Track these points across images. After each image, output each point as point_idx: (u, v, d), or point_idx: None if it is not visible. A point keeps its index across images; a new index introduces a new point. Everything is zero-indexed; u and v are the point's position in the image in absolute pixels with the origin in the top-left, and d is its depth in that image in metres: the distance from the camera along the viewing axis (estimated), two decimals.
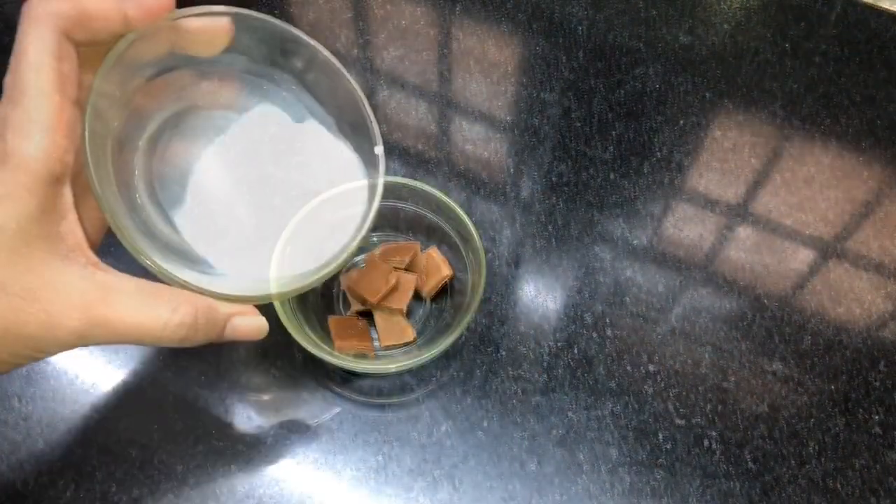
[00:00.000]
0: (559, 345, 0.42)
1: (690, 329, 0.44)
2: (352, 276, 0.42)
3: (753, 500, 0.38)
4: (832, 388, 0.42)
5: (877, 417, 0.41)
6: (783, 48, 0.59)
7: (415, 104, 0.53)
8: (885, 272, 0.47)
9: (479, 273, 0.39)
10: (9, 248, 0.23)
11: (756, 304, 0.45)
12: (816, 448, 0.39)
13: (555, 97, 0.54)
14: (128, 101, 0.28)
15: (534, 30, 0.59)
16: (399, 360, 0.37)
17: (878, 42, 0.60)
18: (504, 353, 0.41)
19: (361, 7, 0.59)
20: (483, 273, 0.39)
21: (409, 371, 0.40)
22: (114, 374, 0.39)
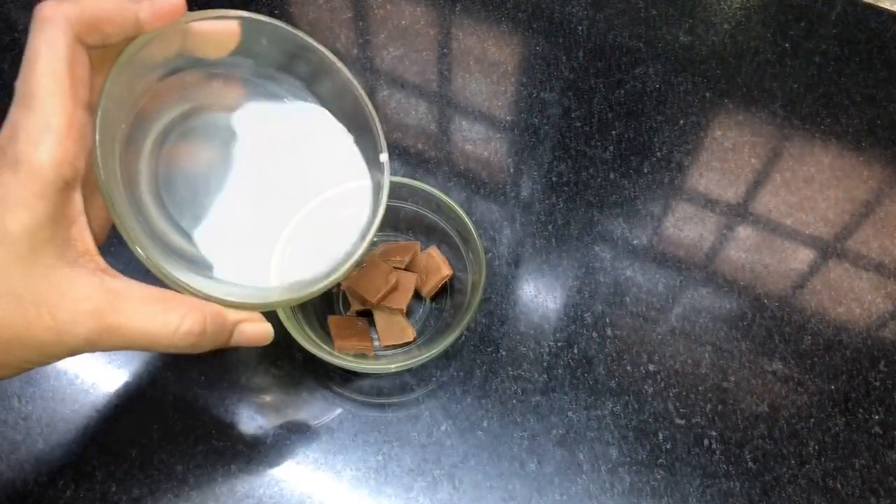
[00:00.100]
0: (559, 345, 0.42)
1: (690, 329, 0.44)
2: (352, 276, 0.42)
3: (753, 500, 0.38)
4: (832, 388, 0.42)
5: (877, 417, 0.41)
6: (783, 48, 0.59)
7: (415, 104, 0.53)
8: (885, 272, 0.47)
9: (479, 273, 0.39)
10: (19, 255, 0.23)
11: (756, 304, 0.45)
12: (816, 448, 0.40)
13: (555, 97, 0.54)
14: (135, 103, 0.28)
15: (534, 29, 0.59)
16: (399, 360, 0.37)
17: (878, 42, 0.60)
18: (504, 353, 0.41)
19: (361, 7, 0.59)
20: (483, 273, 0.39)
21: (409, 371, 0.40)
22: (114, 374, 0.39)
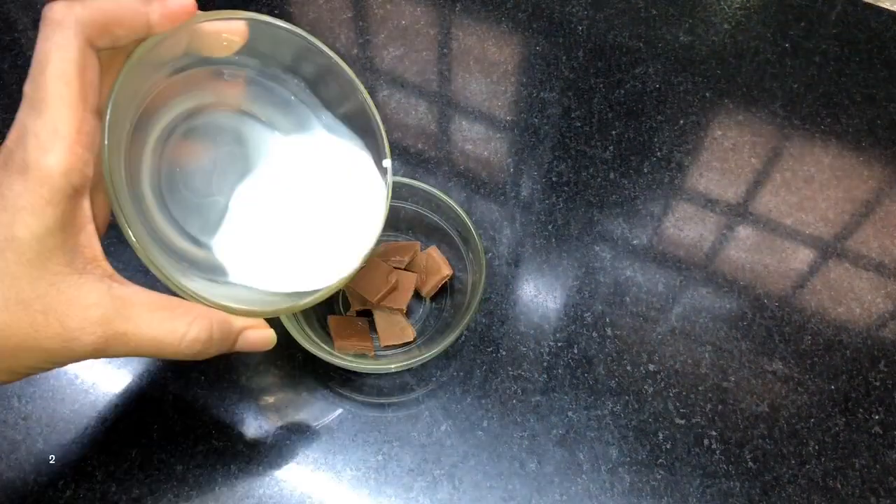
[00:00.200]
0: (559, 344, 0.42)
1: (690, 329, 0.43)
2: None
3: (753, 500, 0.38)
4: (832, 388, 0.42)
5: (877, 417, 0.41)
6: (783, 47, 0.59)
7: (415, 104, 0.53)
8: (885, 272, 0.47)
9: (479, 272, 0.39)
10: (27, 262, 0.23)
11: (756, 304, 0.45)
12: (816, 448, 0.39)
13: (555, 96, 0.54)
14: (141, 102, 0.28)
15: (534, 29, 0.59)
16: (399, 360, 0.37)
17: (879, 41, 0.60)
18: (504, 353, 0.41)
19: (361, 7, 0.59)
20: (483, 272, 0.39)
21: (409, 371, 0.40)
22: (114, 374, 0.39)
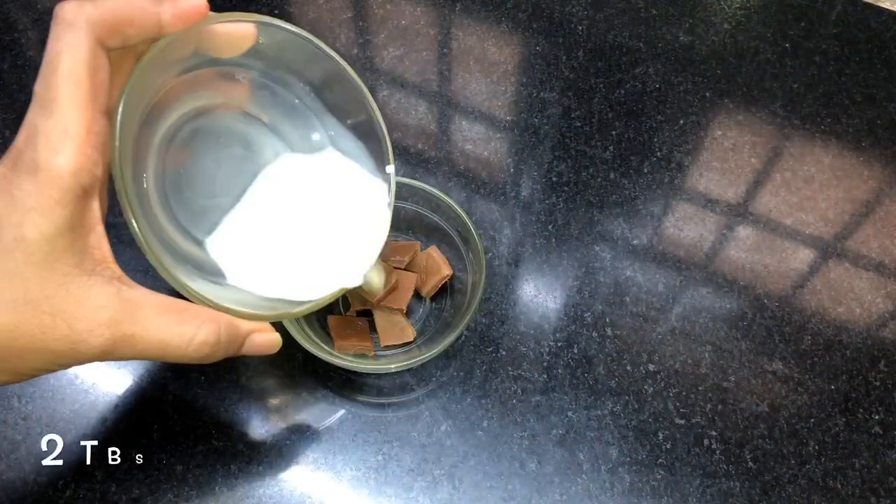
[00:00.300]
0: (559, 344, 0.42)
1: (690, 329, 0.43)
2: None
3: (753, 500, 0.38)
4: (832, 388, 0.42)
5: (877, 417, 0.41)
6: (783, 47, 0.59)
7: (415, 104, 0.53)
8: (885, 272, 0.47)
9: (479, 272, 0.39)
10: (36, 263, 0.23)
11: (756, 304, 0.45)
12: (816, 448, 0.39)
13: (555, 96, 0.54)
14: (149, 102, 0.28)
15: (534, 29, 0.59)
16: (399, 360, 0.37)
17: (879, 41, 0.60)
18: (504, 353, 0.41)
19: (361, 7, 0.59)
20: (483, 272, 0.39)
21: (409, 371, 0.40)
22: (114, 374, 0.39)
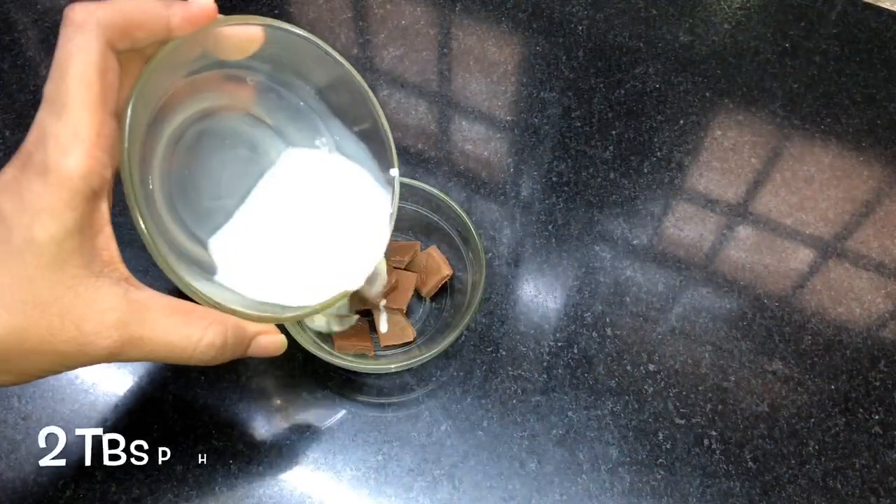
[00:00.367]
0: (559, 344, 0.42)
1: (690, 329, 0.43)
2: None
3: (753, 500, 0.38)
4: (832, 388, 0.42)
5: (877, 417, 0.41)
6: (783, 47, 0.59)
7: (415, 104, 0.53)
8: (885, 272, 0.47)
9: (479, 273, 0.39)
10: (45, 265, 0.23)
11: (756, 304, 0.45)
12: (816, 448, 0.39)
13: (555, 96, 0.54)
14: (156, 104, 0.28)
15: (534, 29, 0.59)
16: (399, 360, 0.37)
17: (879, 41, 0.60)
18: (504, 353, 0.41)
19: (361, 7, 0.59)
20: (483, 272, 0.39)
21: (409, 371, 0.40)
22: (113, 374, 0.39)
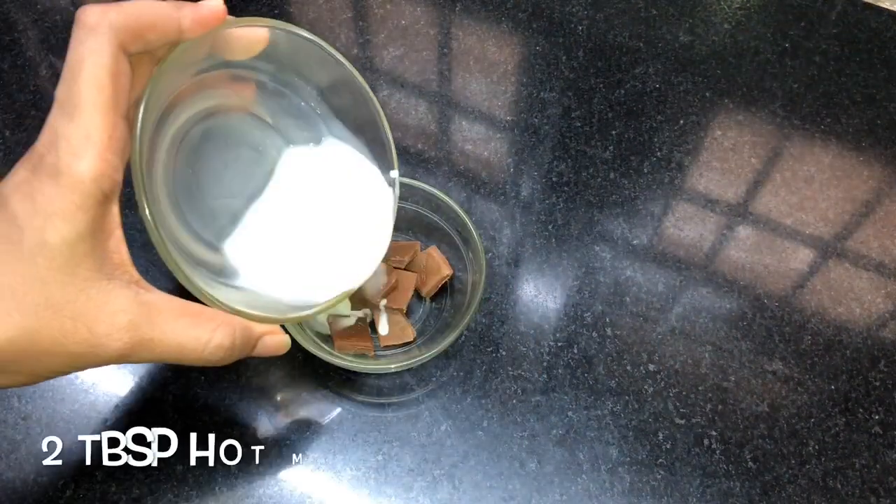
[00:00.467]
0: (559, 344, 0.42)
1: (690, 329, 0.43)
2: None
3: (753, 500, 0.38)
4: (832, 388, 0.42)
5: (877, 417, 0.41)
6: (783, 47, 0.59)
7: (415, 104, 0.53)
8: (885, 272, 0.47)
9: (479, 272, 0.39)
10: (57, 268, 0.23)
11: (756, 304, 0.45)
12: (816, 448, 0.39)
13: (555, 96, 0.54)
14: (163, 105, 0.28)
15: (534, 29, 0.59)
16: (399, 360, 0.37)
17: (879, 41, 0.60)
18: (504, 353, 0.41)
19: (361, 6, 0.59)
20: (483, 272, 0.39)
21: (409, 371, 0.40)
22: (114, 374, 0.39)
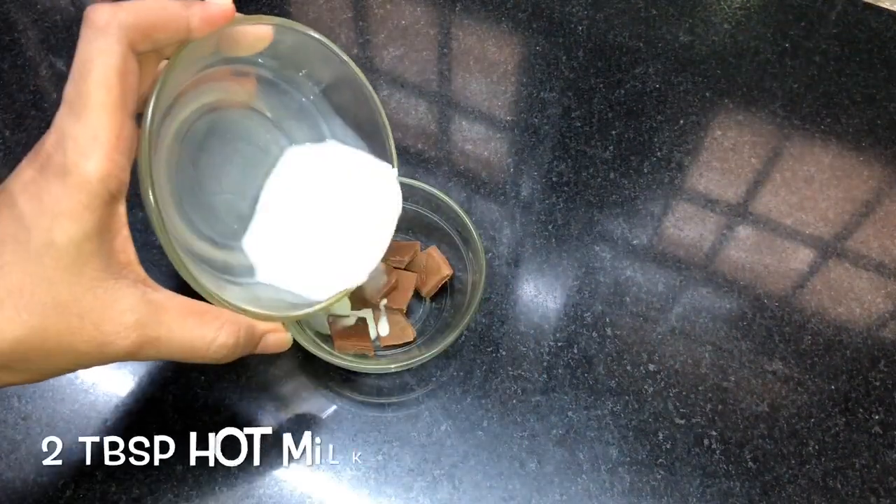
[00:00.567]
0: (559, 344, 0.42)
1: (690, 329, 0.43)
2: None
3: (753, 500, 0.38)
4: (832, 388, 0.42)
5: (877, 417, 0.41)
6: (783, 47, 0.59)
7: (415, 104, 0.53)
8: (885, 272, 0.47)
9: (479, 273, 0.39)
10: (65, 267, 0.23)
11: (756, 304, 0.45)
12: (816, 448, 0.39)
13: (555, 96, 0.54)
14: (168, 103, 0.28)
15: (534, 29, 0.59)
16: (399, 360, 0.37)
17: (879, 41, 0.60)
18: (504, 353, 0.41)
19: (361, 7, 0.59)
20: (483, 272, 0.39)
21: (409, 371, 0.40)
22: (113, 374, 0.39)
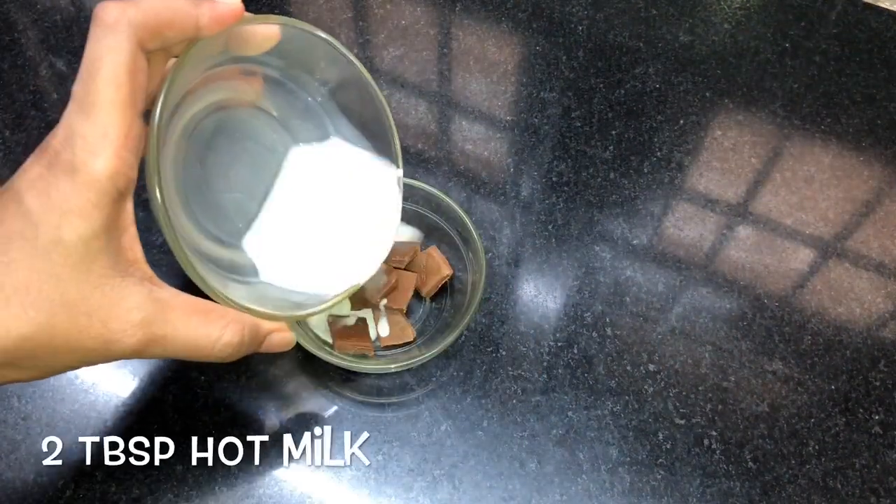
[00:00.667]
0: (559, 344, 0.42)
1: (690, 329, 0.43)
2: None
3: (753, 500, 0.38)
4: (832, 388, 0.42)
5: (877, 417, 0.41)
6: (783, 47, 0.59)
7: (415, 104, 0.53)
8: (885, 272, 0.47)
9: (479, 273, 0.39)
10: (73, 265, 0.23)
11: (756, 304, 0.45)
12: (816, 448, 0.39)
13: (555, 96, 0.54)
14: (177, 102, 0.28)
15: (534, 29, 0.59)
16: (399, 360, 0.37)
17: (879, 41, 0.60)
18: (504, 353, 0.41)
19: (361, 6, 0.59)
20: (483, 272, 0.39)
21: (409, 371, 0.40)
22: (113, 374, 0.39)
